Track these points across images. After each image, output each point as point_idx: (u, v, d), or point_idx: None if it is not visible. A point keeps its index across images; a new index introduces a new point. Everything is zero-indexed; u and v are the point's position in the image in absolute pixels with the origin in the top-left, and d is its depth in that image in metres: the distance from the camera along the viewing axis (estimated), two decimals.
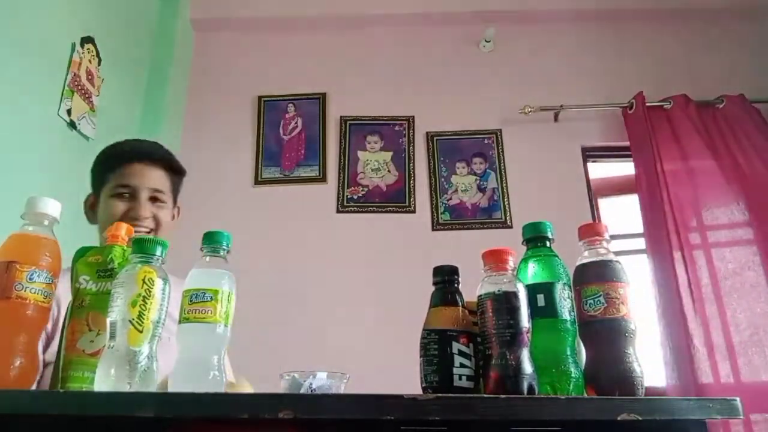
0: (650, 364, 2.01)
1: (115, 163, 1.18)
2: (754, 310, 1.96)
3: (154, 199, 1.19)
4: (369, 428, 0.62)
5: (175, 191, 1.27)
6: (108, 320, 0.63)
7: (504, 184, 2.32)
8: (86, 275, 0.72)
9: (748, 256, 2.04)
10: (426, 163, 2.39)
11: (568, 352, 0.67)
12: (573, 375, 0.66)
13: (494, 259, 0.69)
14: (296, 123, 2.47)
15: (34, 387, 0.69)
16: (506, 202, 2.28)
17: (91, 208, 1.22)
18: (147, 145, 1.24)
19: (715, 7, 2.54)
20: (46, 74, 1.71)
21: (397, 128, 2.45)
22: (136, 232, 1.05)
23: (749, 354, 1.90)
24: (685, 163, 2.20)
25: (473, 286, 0.70)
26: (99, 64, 1.96)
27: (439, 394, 0.58)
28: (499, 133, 2.41)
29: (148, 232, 1.16)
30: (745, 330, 1.93)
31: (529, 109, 2.36)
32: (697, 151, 2.21)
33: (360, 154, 2.42)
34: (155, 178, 1.19)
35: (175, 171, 1.26)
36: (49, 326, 0.98)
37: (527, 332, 0.65)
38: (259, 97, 2.50)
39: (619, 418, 0.55)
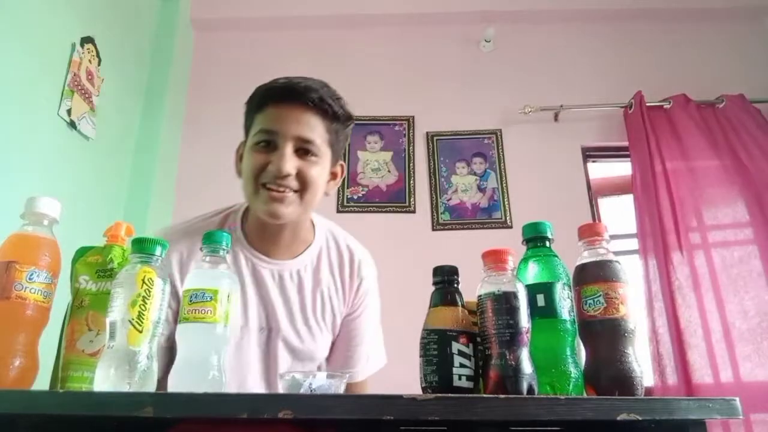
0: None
1: (262, 102, 0.96)
2: (754, 307, 1.96)
3: (302, 152, 0.94)
4: (369, 428, 0.62)
5: (336, 144, 1.00)
6: (107, 320, 0.63)
7: (504, 184, 2.32)
8: (86, 275, 0.72)
9: (747, 256, 2.04)
10: (426, 163, 2.39)
11: (568, 352, 0.67)
12: (573, 375, 0.66)
13: (494, 259, 0.69)
14: None
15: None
16: (506, 202, 2.28)
17: (240, 159, 1.01)
18: (308, 82, 0.96)
19: (715, 7, 2.54)
20: (46, 74, 1.71)
21: (397, 128, 2.45)
22: (275, 191, 0.92)
23: (731, 357, 1.91)
24: (685, 163, 2.20)
25: (473, 286, 0.70)
26: (99, 64, 1.96)
27: (439, 394, 0.57)
28: (499, 133, 2.41)
29: (293, 192, 0.94)
30: (743, 325, 1.94)
31: (529, 109, 2.36)
32: (697, 151, 2.22)
33: (360, 154, 2.41)
34: (304, 123, 0.93)
35: (336, 117, 0.98)
36: (170, 313, 0.88)
37: (527, 332, 0.65)
38: None
39: (619, 418, 0.55)
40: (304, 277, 1.03)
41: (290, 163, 0.92)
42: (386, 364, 1.42)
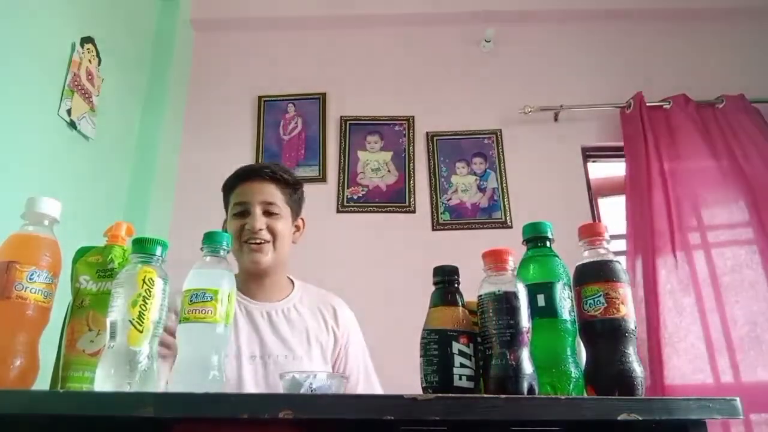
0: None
1: (231, 185, 1.28)
2: (751, 309, 1.95)
3: (268, 213, 1.23)
4: (369, 428, 0.62)
5: (293, 203, 1.30)
6: (108, 320, 0.63)
7: (504, 184, 2.32)
8: (86, 275, 0.72)
9: (747, 257, 2.04)
10: (426, 163, 2.38)
11: (568, 352, 0.67)
12: (573, 375, 0.66)
13: (494, 259, 0.69)
14: (296, 123, 2.47)
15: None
16: (506, 202, 2.28)
17: (225, 230, 1.30)
18: (259, 164, 1.29)
19: (715, 7, 2.54)
20: (46, 74, 1.71)
21: (397, 128, 2.45)
22: (253, 243, 1.20)
23: (730, 357, 1.90)
24: (685, 163, 2.19)
25: (473, 286, 0.70)
26: (99, 64, 1.96)
27: (439, 394, 0.58)
28: (499, 133, 2.41)
29: (266, 243, 1.21)
30: (742, 327, 1.93)
31: (529, 109, 2.36)
32: (697, 151, 2.21)
33: (360, 154, 2.41)
34: (265, 191, 1.24)
35: (287, 183, 1.28)
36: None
37: (527, 332, 0.65)
38: (259, 97, 2.50)
39: (619, 418, 0.55)
40: (288, 314, 1.26)
41: (260, 221, 1.21)
42: (386, 364, 1.43)
